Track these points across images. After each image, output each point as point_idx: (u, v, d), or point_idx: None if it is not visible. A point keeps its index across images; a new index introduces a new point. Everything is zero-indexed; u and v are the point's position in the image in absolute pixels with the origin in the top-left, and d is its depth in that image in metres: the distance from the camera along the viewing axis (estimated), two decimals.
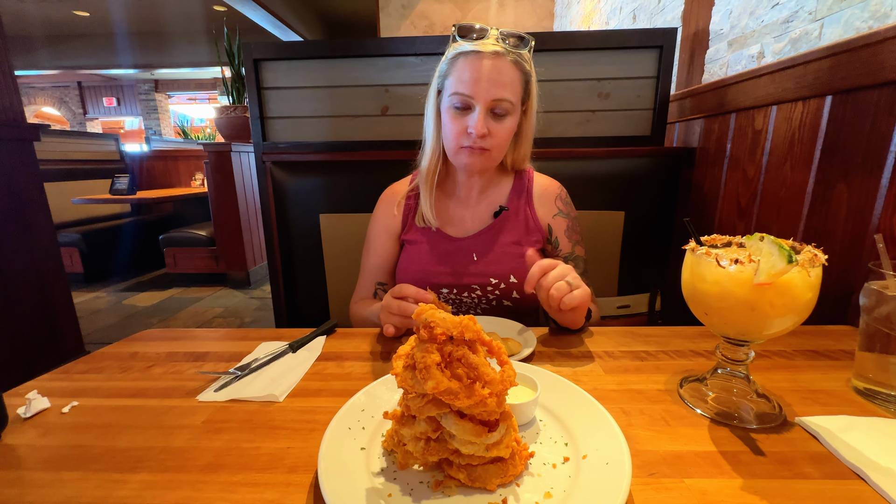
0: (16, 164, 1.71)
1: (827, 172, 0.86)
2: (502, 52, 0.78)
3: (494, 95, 0.78)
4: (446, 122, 0.83)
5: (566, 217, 0.94)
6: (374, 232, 0.98)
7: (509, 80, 0.79)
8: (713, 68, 1.39)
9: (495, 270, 0.89)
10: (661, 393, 0.56)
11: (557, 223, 0.94)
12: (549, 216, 0.94)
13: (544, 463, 0.43)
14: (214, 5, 6.26)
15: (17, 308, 1.71)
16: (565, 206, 0.95)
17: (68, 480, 0.43)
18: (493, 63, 0.77)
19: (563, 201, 0.95)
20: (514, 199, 0.94)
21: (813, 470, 0.42)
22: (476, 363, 0.38)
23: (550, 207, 0.94)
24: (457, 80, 0.80)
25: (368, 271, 0.98)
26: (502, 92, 0.78)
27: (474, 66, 0.77)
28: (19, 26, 7.33)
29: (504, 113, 0.81)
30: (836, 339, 0.70)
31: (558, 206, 0.94)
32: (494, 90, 0.78)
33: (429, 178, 0.91)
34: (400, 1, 4.51)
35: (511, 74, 0.79)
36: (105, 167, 4.17)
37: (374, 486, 0.40)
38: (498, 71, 0.77)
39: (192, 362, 0.68)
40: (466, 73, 0.78)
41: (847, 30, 0.90)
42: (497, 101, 0.79)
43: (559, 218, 0.94)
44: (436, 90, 0.86)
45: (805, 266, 0.44)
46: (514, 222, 0.93)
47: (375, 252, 0.97)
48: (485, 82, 0.77)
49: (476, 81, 0.77)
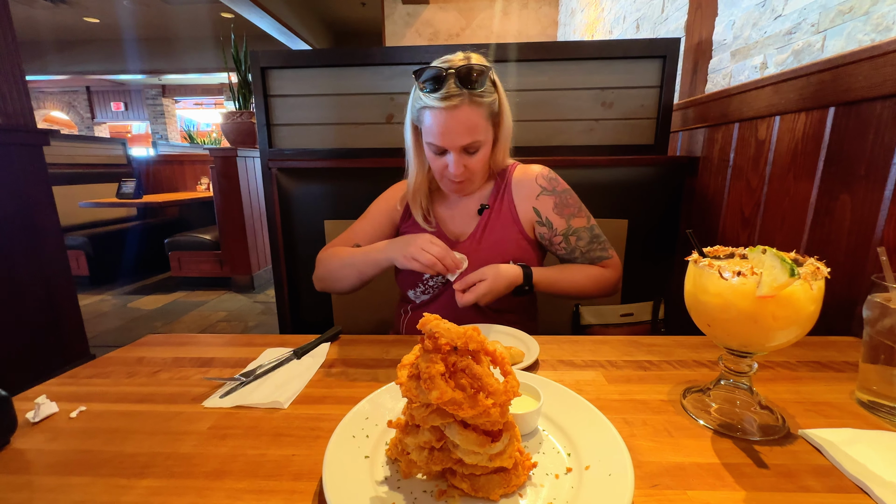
0: (25, 167, 1.73)
1: (830, 184, 0.86)
2: (458, 103, 0.81)
3: (462, 143, 0.84)
4: (429, 160, 0.91)
5: (551, 194, 0.94)
6: (376, 208, 1.03)
7: (473, 124, 0.83)
8: (716, 78, 1.40)
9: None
10: (663, 403, 0.56)
11: (543, 203, 0.94)
12: (532, 198, 0.94)
13: (547, 473, 0.43)
14: (222, 12, 6.33)
15: (25, 310, 1.72)
16: (549, 183, 0.94)
17: (76, 485, 0.43)
18: (455, 115, 0.81)
19: (545, 178, 0.95)
20: (496, 195, 0.97)
21: (816, 483, 0.42)
22: (480, 373, 0.39)
23: (531, 189, 0.94)
24: (427, 131, 0.86)
25: (357, 235, 1.01)
26: (469, 137, 0.84)
27: (438, 122, 0.83)
28: (30, 32, 7.45)
29: (476, 149, 0.86)
30: (840, 351, 0.70)
31: (540, 185, 0.94)
32: (461, 139, 0.83)
33: (417, 194, 0.96)
34: (405, 9, 4.56)
35: (474, 117, 0.83)
36: (112, 171, 4.21)
37: (377, 495, 0.40)
38: (461, 122, 0.82)
39: (197, 368, 0.69)
40: (434, 127, 0.83)
41: (849, 42, 0.90)
42: (466, 146, 0.85)
43: (544, 196, 0.94)
44: (411, 123, 0.91)
45: (807, 279, 0.44)
46: (498, 219, 0.95)
47: (371, 224, 1.02)
48: (451, 134, 0.83)
49: (444, 135, 0.83)
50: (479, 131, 0.85)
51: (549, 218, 0.93)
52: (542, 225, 0.94)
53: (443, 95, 0.80)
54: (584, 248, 0.95)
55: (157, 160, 4.67)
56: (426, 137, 0.87)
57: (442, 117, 0.82)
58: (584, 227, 0.94)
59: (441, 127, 0.83)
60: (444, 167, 0.88)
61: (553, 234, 0.94)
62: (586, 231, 0.94)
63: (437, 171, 0.91)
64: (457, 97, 0.80)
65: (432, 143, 0.85)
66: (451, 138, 0.83)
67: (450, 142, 0.84)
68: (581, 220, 0.95)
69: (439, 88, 0.81)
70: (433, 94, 0.81)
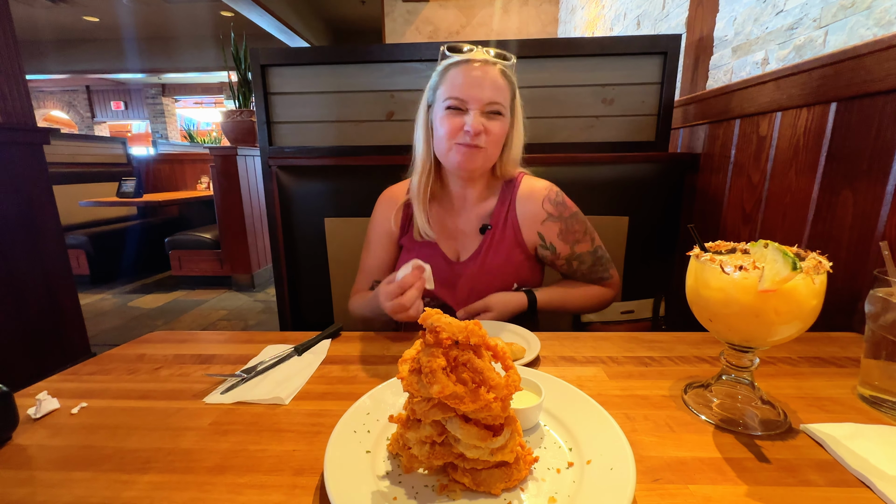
0: (26, 167, 1.73)
1: (832, 179, 0.86)
2: (489, 60, 0.82)
3: (488, 98, 0.81)
4: (439, 125, 0.85)
5: (557, 220, 0.91)
6: (373, 234, 1.00)
7: (500, 86, 0.82)
8: (717, 74, 1.40)
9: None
10: (665, 399, 0.56)
11: (548, 228, 0.91)
12: (538, 223, 0.91)
13: (548, 468, 0.43)
14: (222, 11, 6.32)
15: (26, 309, 1.72)
16: (555, 209, 0.91)
17: (78, 480, 0.43)
18: (484, 70, 0.81)
19: (552, 203, 0.92)
20: (499, 212, 0.93)
21: (818, 477, 0.42)
22: (481, 368, 0.39)
23: (537, 213, 0.91)
24: (449, 86, 0.82)
25: (367, 270, 1.00)
26: (495, 95, 0.82)
27: (466, 73, 0.81)
28: (30, 31, 7.44)
29: (497, 113, 0.83)
30: (842, 346, 0.70)
31: (546, 211, 0.91)
32: (487, 93, 0.81)
33: (420, 193, 0.92)
34: (405, 7, 4.55)
35: (501, 81, 0.83)
36: (112, 170, 4.21)
37: (379, 490, 0.40)
38: (489, 76, 0.81)
39: (198, 365, 0.69)
40: (459, 79, 0.81)
41: (851, 37, 0.90)
42: (490, 103, 0.82)
43: (549, 223, 0.91)
44: (426, 105, 0.89)
45: (809, 273, 0.44)
46: (501, 240, 0.92)
47: (375, 254, 0.99)
48: (477, 87, 0.81)
49: (469, 86, 0.81)
50: (503, 96, 0.83)
51: (552, 243, 0.92)
52: (545, 248, 0.93)
53: (474, 53, 0.82)
54: (585, 270, 0.94)
55: (158, 159, 4.67)
56: (445, 96, 0.82)
57: (469, 69, 0.81)
58: (588, 251, 0.93)
59: (468, 78, 0.81)
60: (458, 128, 0.82)
61: (556, 258, 0.93)
62: (589, 255, 0.93)
63: (449, 136, 0.83)
64: (486, 56, 0.82)
65: (453, 96, 0.81)
66: (476, 91, 0.80)
67: (474, 94, 0.80)
68: (585, 245, 0.92)
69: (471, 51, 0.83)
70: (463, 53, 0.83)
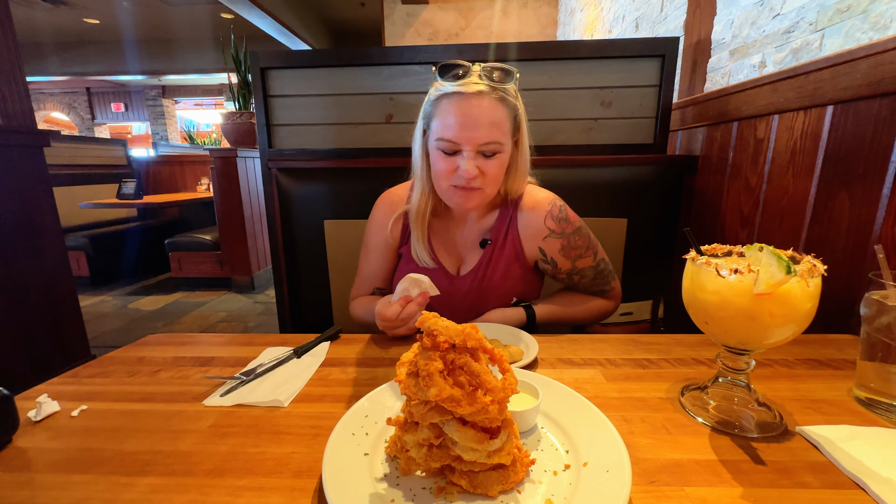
0: (26, 169, 1.73)
1: (828, 182, 0.87)
2: (486, 90, 0.73)
3: (482, 140, 0.74)
4: (435, 162, 0.80)
5: (559, 237, 0.87)
6: (371, 241, 0.97)
7: (496, 120, 0.74)
8: (715, 77, 1.40)
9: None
10: (662, 401, 0.56)
11: (550, 245, 0.88)
12: (539, 239, 0.88)
13: (545, 470, 0.43)
14: (222, 13, 6.34)
15: (26, 311, 1.72)
16: (557, 225, 0.87)
17: (78, 483, 0.44)
18: (478, 104, 0.73)
19: (554, 219, 0.87)
20: (499, 227, 0.90)
21: (813, 479, 0.42)
22: (478, 371, 0.39)
23: (539, 230, 0.88)
24: (441, 124, 0.75)
25: (366, 276, 0.99)
26: (490, 135, 0.74)
27: (458, 110, 0.73)
28: (30, 33, 7.45)
29: (493, 153, 0.77)
30: (838, 349, 0.70)
31: (549, 227, 0.87)
32: (481, 134, 0.74)
33: (419, 219, 0.88)
34: (405, 9, 4.57)
35: (498, 113, 0.75)
36: (112, 172, 4.21)
37: (377, 492, 0.40)
38: (483, 112, 0.73)
39: (198, 367, 0.69)
40: (451, 118, 0.74)
41: (848, 41, 0.90)
42: (486, 144, 0.75)
43: (551, 239, 0.87)
44: (421, 130, 0.83)
45: (804, 276, 0.45)
46: (501, 255, 0.90)
47: (374, 261, 0.97)
48: (471, 128, 0.73)
49: (461, 126, 0.73)
50: (501, 132, 0.75)
51: (554, 258, 0.89)
52: (546, 263, 0.90)
53: (466, 81, 0.73)
54: (586, 284, 0.92)
55: (158, 161, 4.68)
56: (437, 134, 0.76)
57: (461, 105, 0.73)
58: (590, 266, 0.90)
59: (461, 117, 0.73)
60: (453, 170, 0.77)
61: (556, 272, 0.91)
62: (591, 269, 0.91)
63: (444, 175, 0.78)
64: (480, 84, 0.73)
65: (445, 138, 0.75)
66: (468, 132, 0.73)
67: (467, 136, 0.73)
68: (587, 261, 0.90)
69: (465, 75, 0.74)
70: (454, 81, 0.74)
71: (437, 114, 0.77)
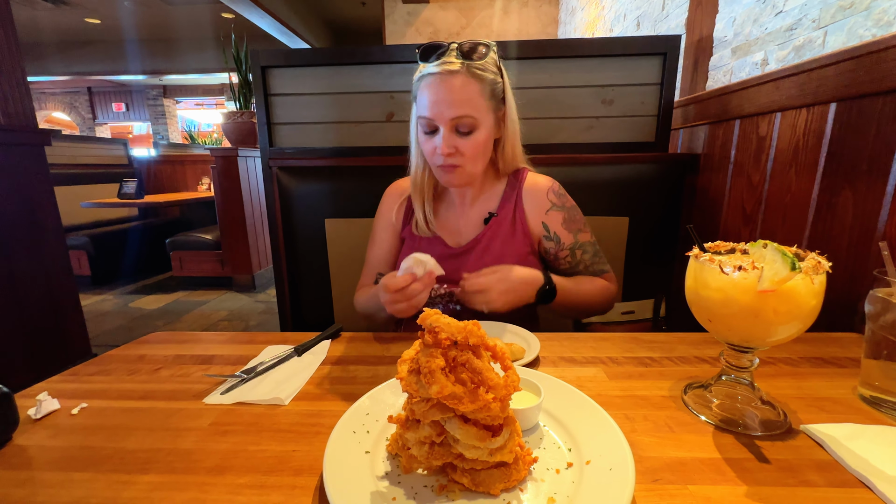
0: (27, 168, 1.73)
1: (832, 179, 0.86)
2: (457, 69, 0.78)
3: (453, 114, 0.79)
4: (421, 143, 0.87)
5: (561, 209, 0.93)
6: (378, 226, 1.02)
7: (468, 97, 0.79)
8: (717, 75, 1.40)
9: None
10: (665, 399, 0.56)
11: (552, 218, 0.93)
12: (543, 213, 0.93)
13: (548, 468, 0.43)
14: (222, 13, 6.34)
15: (27, 310, 1.73)
16: (559, 199, 0.94)
17: (78, 481, 0.43)
18: (450, 82, 0.78)
19: (555, 194, 0.94)
20: (505, 203, 0.94)
21: (818, 478, 0.42)
22: (480, 368, 0.39)
23: (542, 204, 0.93)
24: (420, 104, 0.82)
25: (371, 262, 1.02)
26: (461, 109, 0.79)
27: (432, 89, 0.79)
28: (32, 33, 7.47)
29: (469, 129, 0.81)
30: (842, 347, 0.70)
31: (551, 200, 0.93)
32: (452, 109, 0.79)
33: (417, 191, 0.94)
34: (405, 8, 4.56)
35: (470, 90, 0.79)
36: (113, 171, 4.22)
37: (378, 490, 0.40)
38: (454, 89, 0.78)
39: (198, 365, 0.69)
40: (426, 97, 0.80)
41: (850, 38, 0.90)
42: (457, 118, 0.79)
43: (553, 212, 0.93)
44: (414, 112, 0.89)
45: (808, 273, 0.44)
46: (506, 228, 0.93)
47: (379, 245, 1.01)
48: (443, 103, 0.79)
49: (435, 104, 0.79)
50: (474, 106, 0.80)
51: (557, 233, 0.93)
52: (549, 240, 0.93)
53: (441, 62, 0.79)
54: (588, 261, 0.94)
55: (159, 160, 4.69)
56: (418, 113, 0.83)
57: (436, 84, 0.79)
58: (589, 241, 0.95)
59: (433, 95, 0.79)
60: (433, 151, 0.83)
61: (559, 249, 0.93)
62: (591, 245, 0.95)
63: (428, 157, 0.86)
64: (454, 64, 0.78)
65: (423, 116, 0.81)
66: (441, 108, 0.79)
67: (439, 113, 0.79)
68: (586, 235, 0.95)
69: (442, 55, 0.79)
70: (434, 62, 0.79)
71: (419, 94, 0.83)
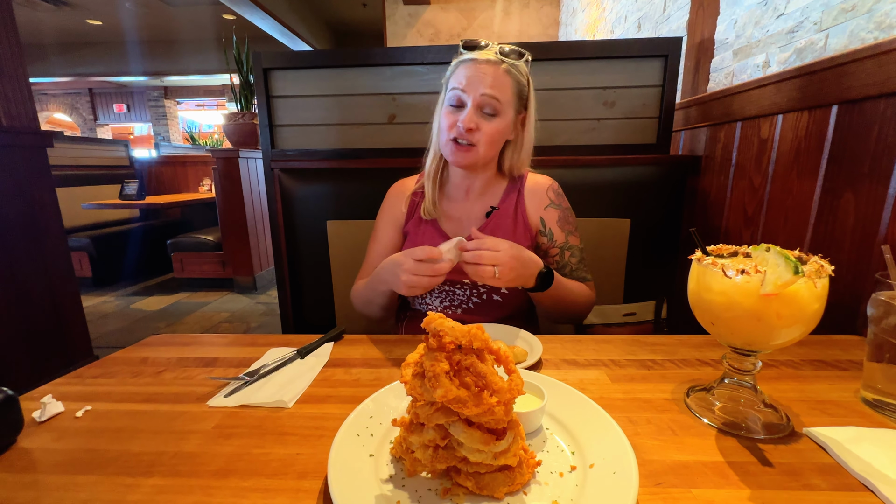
0: (29, 169, 1.74)
1: (834, 182, 0.86)
2: (496, 61, 0.86)
3: (483, 91, 0.85)
4: (441, 120, 0.91)
5: (557, 208, 0.98)
6: (381, 222, 1.04)
7: (501, 83, 0.86)
8: (718, 77, 1.40)
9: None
10: (667, 402, 0.56)
11: (549, 214, 0.97)
12: (541, 208, 0.97)
13: (551, 471, 0.43)
14: (224, 14, 6.36)
15: (28, 311, 1.73)
16: (557, 197, 0.98)
17: (82, 484, 0.43)
18: (487, 67, 0.86)
19: (554, 192, 0.99)
20: (506, 198, 0.98)
21: (821, 481, 0.42)
22: (484, 372, 0.39)
23: (542, 199, 0.97)
24: (454, 80, 0.89)
25: (372, 257, 1.03)
26: (491, 89, 0.85)
27: (469, 69, 0.87)
28: (33, 34, 7.49)
29: (493, 112, 0.87)
30: (845, 350, 0.70)
31: (549, 198, 0.97)
32: (483, 86, 0.85)
33: (431, 177, 0.98)
34: (406, 10, 4.57)
35: (502, 79, 0.86)
36: (115, 173, 4.22)
37: (382, 493, 0.40)
38: (488, 73, 0.85)
39: (202, 368, 0.69)
40: (462, 74, 0.87)
41: (852, 40, 0.90)
42: (486, 96, 0.85)
43: (551, 209, 0.97)
44: (442, 97, 0.93)
45: (811, 277, 0.44)
46: (506, 222, 0.96)
47: (380, 241, 1.03)
48: (476, 79, 0.85)
49: (468, 78, 0.86)
50: (503, 93, 0.86)
51: (551, 229, 0.96)
52: (543, 235, 0.97)
53: (481, 52, 0.87)
54: (574, 265, 0.97)
55: (160, 161, 4.69)
56: (450, 87, 0.88)
57: (473, 66, 0.86)
58: (578, 246, 0.98)
59: (469, 72, 0.86)
60: (454, 124, 0.87)
61: (551, 246, 0.96)
62: (579, 251, 0.98)
63: (446, 130, 0.89)
64: (493, 57, 0.86)
65: (455, 88, 0.87)
66: (474, 83, 0.85)
67: (471, 86, 0.85)
68: (576, 240, 0.98)
69: (483, 48, 0.88)
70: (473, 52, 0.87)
71: (453, 76, 0.89)
